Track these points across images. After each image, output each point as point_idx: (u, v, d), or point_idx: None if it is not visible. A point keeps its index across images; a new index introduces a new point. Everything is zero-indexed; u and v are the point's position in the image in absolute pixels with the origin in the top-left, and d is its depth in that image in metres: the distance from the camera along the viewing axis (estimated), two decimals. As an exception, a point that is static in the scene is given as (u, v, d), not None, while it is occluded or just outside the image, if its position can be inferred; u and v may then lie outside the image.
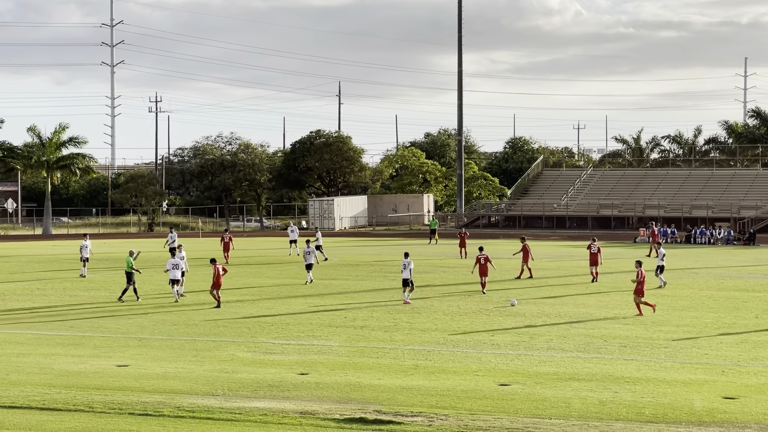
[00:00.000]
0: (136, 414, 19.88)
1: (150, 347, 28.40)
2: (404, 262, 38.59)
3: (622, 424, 19.10)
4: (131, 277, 39.23)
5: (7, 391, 22.05)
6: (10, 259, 62.62)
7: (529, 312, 35.35)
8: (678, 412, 20.04)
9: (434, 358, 26.42)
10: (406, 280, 38.41)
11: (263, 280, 47.61)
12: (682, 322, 33.17)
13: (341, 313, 35.29)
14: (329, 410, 20.12)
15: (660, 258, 44.55)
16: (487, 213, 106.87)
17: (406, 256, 38.98)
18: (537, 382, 23.02)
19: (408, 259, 38.62)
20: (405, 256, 39.17)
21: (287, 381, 23.16)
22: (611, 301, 38.93)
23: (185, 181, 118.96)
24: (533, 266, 48.30)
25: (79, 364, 25.59)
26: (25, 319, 34.70)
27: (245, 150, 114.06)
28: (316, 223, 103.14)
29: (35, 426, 18.93)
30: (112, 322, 33.71)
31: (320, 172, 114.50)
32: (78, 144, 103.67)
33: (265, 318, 34.29)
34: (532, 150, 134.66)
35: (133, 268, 39.42)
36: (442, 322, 33.15)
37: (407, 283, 38.45)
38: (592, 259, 47.21)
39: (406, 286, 38.54)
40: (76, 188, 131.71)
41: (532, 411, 20.09)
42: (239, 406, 20.52)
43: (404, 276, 38.44)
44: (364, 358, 26.54)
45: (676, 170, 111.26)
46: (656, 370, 24.56)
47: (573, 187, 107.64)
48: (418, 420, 19.31)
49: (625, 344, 28.54)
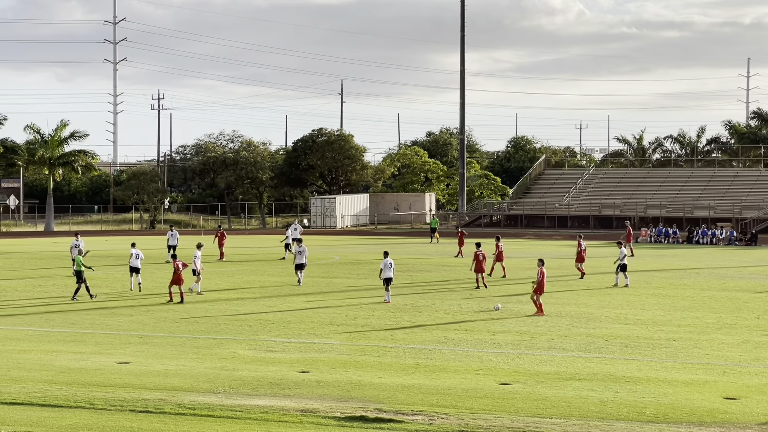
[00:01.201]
0: (137, 411, 19.89)
1: (151, 344, 28.41)
2: (386, 261, 38.64)
3: (623, 423, 19.09)
4: (81, 276, 39.15)
5: (8, 387, 22.06)
6: (11, 256, 62.66)
7: (531, 311, 35.33)
8: (679, 412, 20.04)
9: (435, 357, 26.42)
10: (389, 279, 38.47)
11: (264, 277, 47.62)
12: (684, 322, 33.17)
13: (342, 312, 35.29)
14: (330, 408, 20.12)
15: (621, 257, 44.48)
16: (488, 212, 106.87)
17: (386, 255, 39.15)
18: (538, 382, 23.02)
19: (389, 259, 38.78)
20: (385, 255, 39.30)
21: (288, 379, 23.17)
22: (612, 300, 38.92)
23: (187, 178, 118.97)
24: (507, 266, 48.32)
25: (81, 360, 25.60)
26: (26, 315, 34.72)
27: (247, 148, 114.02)
28: (318, 221, 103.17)
29: (36, 422, 18.94)
30: (114, 319, 33.73)
31: (322, 171, 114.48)
32: (78, 138, 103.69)
33: (266, 316, 34.30)
34: (534, 149, 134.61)
35: (83, 265, 39.41)
36: (443, 320, 33.14)
37: (389, 282, 38.55)
38: (579, 256, 47.85)
39: (388, 284, 38.57)
40: (78, 185, 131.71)
41: (533, 410, 20.09)
42: (240, 403, 20.53)
43: (387, 275, 38.43)
44: (365, 356, 26.54)
45: (678, 170, 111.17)
46: (657, 370, 24.56)
47: (575, 187, 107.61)
48: (419, 419, 19.31)
49: (626, 344, 28.54)
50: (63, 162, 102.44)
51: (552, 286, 43.89)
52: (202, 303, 37.68)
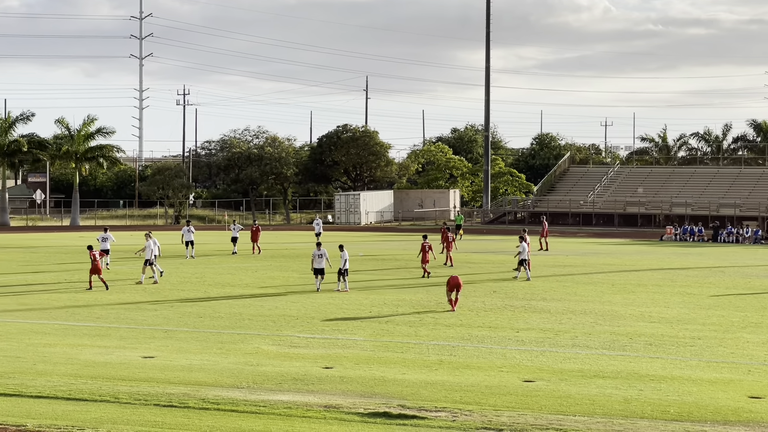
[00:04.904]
0: (161, 405, 19.97)
1: (175, 339, 28.51)
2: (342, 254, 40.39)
3: (647, 422, 19.02)
4: None
5: (34, 380, 22.20)
6: (38, 250, 63.03)
7: (554, 309, 35.27)
8: (703, 410, 19.94)
9: (459, 354, 26.41)
10: (341, 269, 40.20)
11: (288, 273, 47.70)
12: (709, 320, 33.01)
13: (366, 308, 35.31)
14: (353, 404, 20.15)
15: (522, 251, 44.99)
16: (513, 209, 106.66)
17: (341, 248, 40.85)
18: (561, 379, 22.97)
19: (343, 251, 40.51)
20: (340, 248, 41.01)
21: (312, 374, 23.20)
22: (637, 298, 38.78)
23: (212, 174, 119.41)
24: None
25: (105, 354, 25.73)
26: (51, 309, 34.91)
27: (272, 143, 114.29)
28: (342, 217, 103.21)
29: (62, 416, 19.04)
30: (138, 313, 33.87)
31: (347, 167, 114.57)
32: (105, 134, 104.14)
33: (290, 311, 34.35)
34: (559, 146, 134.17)
35: None
36: (467, 317, 33.12)
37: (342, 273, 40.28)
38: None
39: (341, 275, 40.34)
40: (104, 180, 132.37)
41: (557, 408, 20.06)
42: (264, 398, 20.57)
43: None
44: (388, 352, 26.55)
45: (704, 168, 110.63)
46: (682, 369, 24.45)
47: (599, 184, 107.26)
48: (442, 415, 19.31)
49: (650, 342, 28.43)
50: (89, 157, 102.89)
51: (577, 284, 43.80)
52: (226, 299, 37.81)
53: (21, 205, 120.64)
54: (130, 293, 39.38)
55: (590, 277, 46.88)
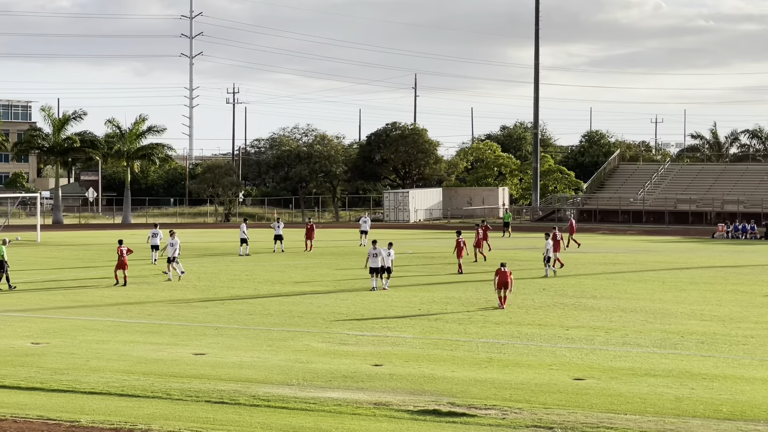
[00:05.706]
0: (212, 402, 20.13)
1: (226, 336, 28.70)
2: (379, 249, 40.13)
3: (699, 421, 18.88)
4: (3, 266, 39.64)
5: (87, 377, 22.46)
6: (90, 248, 63.70)
7: (605, 306, 35.08)
8: (757, 410, 19.76)
9: (508, 352, 26.36)
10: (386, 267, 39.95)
11: (338, 271, 47.84)
12: (761, 319, 32.66)
13: (415, 306, 35.33)
14: (403, 402, 20.18)
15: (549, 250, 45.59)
16: (562, 207, 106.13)
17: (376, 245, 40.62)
18: (612, 377, 22.86)
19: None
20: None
21: (361, 372, 23.26)
22: (688, 296, 38.46)
23: (261, 172, 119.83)
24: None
25: (157, 351, 25.96)
26: (104, 306, 35.27)
27: (321, 141, 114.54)
28: (391, 215, 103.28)
29: (114, 412, 19.25)
30: (189, 310, 34.13)
31: (395, 164, 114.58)
32: (156, 132, 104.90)
33: (340, 309, 34.44)
34: (609, 144, 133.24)
35: (4, 257, 39.85)
36: (516, 315, 33.03)
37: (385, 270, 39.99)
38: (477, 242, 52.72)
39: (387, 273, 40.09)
40: (155, 178, 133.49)
41: (607, 406, 19.96)
42: (314, 395, 20.66)
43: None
44: (438, 350, 26.55)
45: (757, 165, 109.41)
46: (734, 367, 24.23)
47: (650, 182, 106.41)
48: (492, 413, 19.29)
49: (702, 340, 28.19)
50: (140, 155, 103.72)
51: (627, 282, 43.52)
52: (276, 296, 37.98)
53: (74, 203, 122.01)
54: (180, 290, 39.69)
55: (640, 275, 46.57)
